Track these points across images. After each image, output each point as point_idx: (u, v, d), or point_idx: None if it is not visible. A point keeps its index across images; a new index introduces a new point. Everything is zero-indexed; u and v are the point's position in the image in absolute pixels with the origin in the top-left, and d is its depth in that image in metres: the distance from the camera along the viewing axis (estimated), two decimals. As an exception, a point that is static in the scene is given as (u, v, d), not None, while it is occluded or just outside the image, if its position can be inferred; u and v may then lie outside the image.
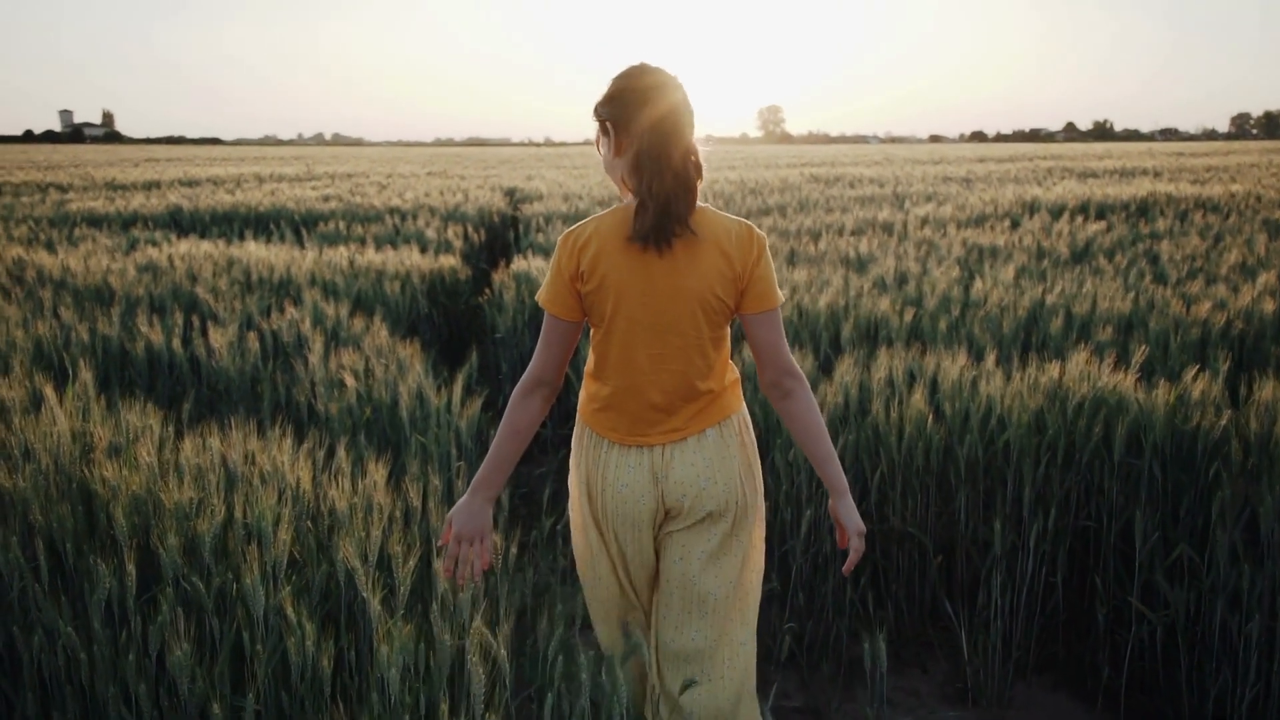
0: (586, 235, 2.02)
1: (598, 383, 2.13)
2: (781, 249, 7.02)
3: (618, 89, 2.03)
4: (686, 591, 2.15)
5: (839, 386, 3.68)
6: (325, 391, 3.87)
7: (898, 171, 17.81)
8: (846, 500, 2.13)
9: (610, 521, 2.15)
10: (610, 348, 2.06)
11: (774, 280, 2.05)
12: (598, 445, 2.14)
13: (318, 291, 5.29)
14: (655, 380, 2.05)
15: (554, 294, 2.06)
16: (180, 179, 15.29)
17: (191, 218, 9.77)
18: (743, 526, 2.16)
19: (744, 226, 2.03)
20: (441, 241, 8.03)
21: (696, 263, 1.99)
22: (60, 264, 5.64)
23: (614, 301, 2.01)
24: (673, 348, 2.03)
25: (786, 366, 2.09)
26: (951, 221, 8.56)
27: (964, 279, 5.84)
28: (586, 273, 2.01)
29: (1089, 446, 3.27)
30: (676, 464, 2.08)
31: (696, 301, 2.00)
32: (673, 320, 2.01)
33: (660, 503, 2.11)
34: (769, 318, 2.05)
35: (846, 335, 4.78)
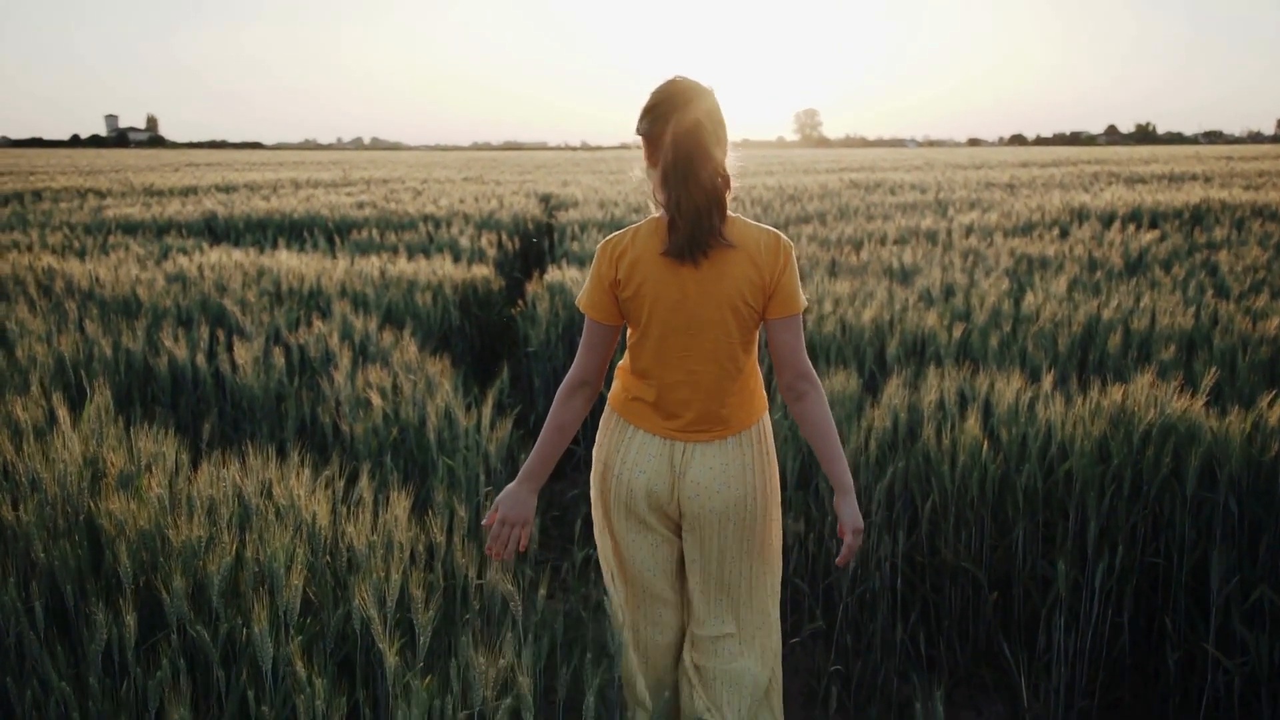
0: (624, 244, 2.15)
1: (632, 378, 2.25)
2: (822, 259, 6.82)
3: (649, 104, 2.12)
4: (708, 582, 2.29)
5: (887, 410, 3.49)
6: (350, 411, 3.73)
7: (939, 177, 17.51)
8: (849, 498, 2.23)
9: (626, 505, 2.25)
10: (645, 349, 2.18)
11: (798, 287, 2.16)
12: (623, 429, 2.25)
13: (347, 303, 5.16)
14: (686, 380, 2.16)
15: (593, 299, 2.19)
16: (218, 185, 15.30)
17: (226, 224, 9.72)
18: (754, 528, 2.26)
19: (772, 235, 2.14)
20: (475, 250, 7.90)
21: (728, 271, 2.09)
22: (89, 274, 5.55)
23: (649, 307, 2.12)
24: (704, 350, 2.14)
25: (803, 370, 2.19)
26: (998, 230, 8.31)
27: (1014, 291, 5.62)
28: (624, 280, 2.13)
29: (1158, 478, 3.06)
30: (695, 463, 2.19)
31: (728, 307, 2.11)
32: (704, 325, 2.12)
33: (674, 494, 2.22)
34: (791, 322, 2.16)
35: (892, 352, 4.58)
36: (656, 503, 2.24)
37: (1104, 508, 3.08)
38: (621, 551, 2.33)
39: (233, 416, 4.00)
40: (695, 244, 2.06)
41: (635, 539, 2.30)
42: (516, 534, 2.25)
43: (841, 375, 3.80)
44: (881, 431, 3.42)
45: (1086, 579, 3.04)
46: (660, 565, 2.32)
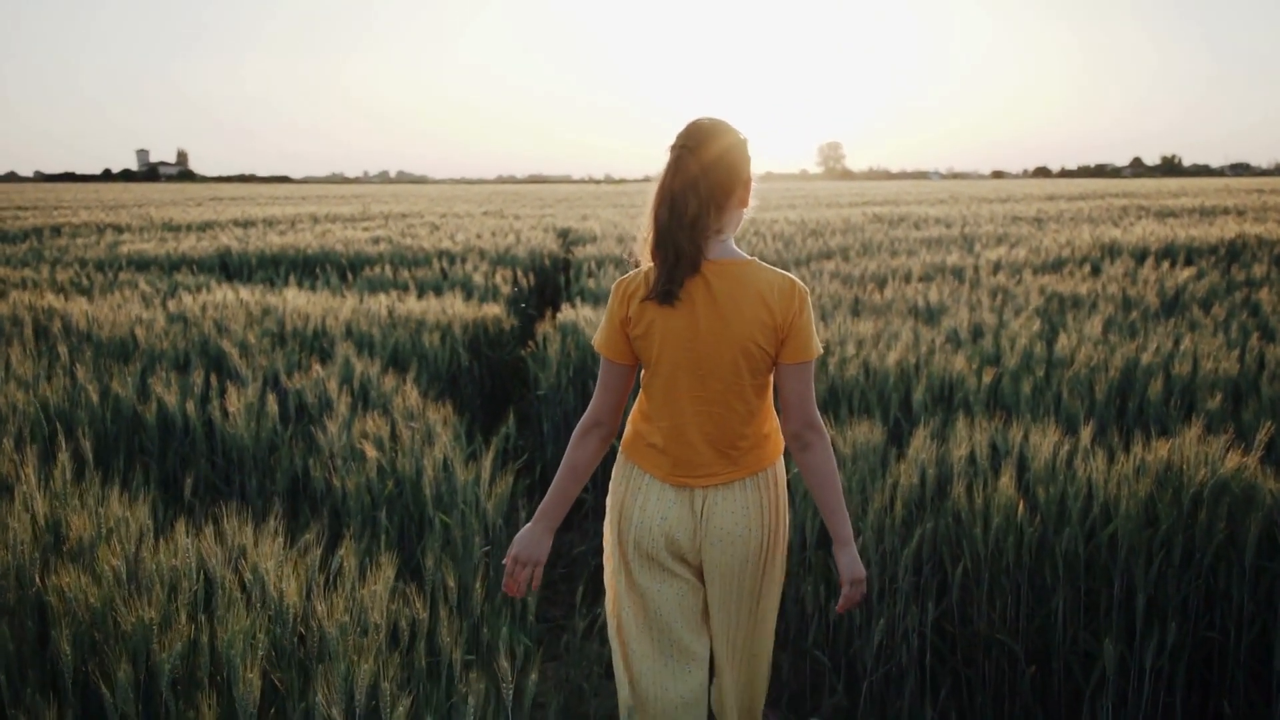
0: (637, 283, 2.16)
1: (644, 421, 2.24)
2: (845, 297, 6.59)
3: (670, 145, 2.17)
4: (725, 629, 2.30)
5: (914, 465, 3.25)
6: (343, 464, 3.53)
7: (964, 210, 17.26)
8: (848, 549, 2.24)
9: (646, 552, 2.23)
10: (656, 389, 2.18)
11: (813, 334, 2.15)
12: (639, 478, 2.23)
13: (350, 345, 4.98)
14: (697, 422, 2.15)
15: (607, 338, 2.21)
16: (236, 220, 15.26)
17: (240, 260, 9.60)
18: (769, 569, 2.28)
19: (787, 280, 2.13)
20: (489, 287, 7.73)
21: (739, 312, 2.09)
22: (86, 314, 5.40)
23: (659, 346, 2.13)
24: (714, 392, 2.13)
25: (810, 420, 2.18)
26: (1026, 266, 8.06)
27: (1045, 332, 5.37)
28: (634, 318, 2.14)
29: (1212, 545, 2.80)
30: (718, 510, 2.18)
31: (738, 349, 2.10)
32: (715, 366, 2.11)
33: (696, 540, 2.20)
34: (802, 369, 2.15)
35: (919, 398, 4.34)
36: (677, 549, 2.22)
37: (1152, 576, 2.82)
38: (644, 603, 2.27)
39: (222, 468, 3.80)
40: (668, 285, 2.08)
41: (659, 587, 2.25)
42: (529, 573, 2.27)
43: (865, 426, 3.56)
44: (908, 489, 3.18)
45: (1134, 656, 2.78)
46: (686, 614, 2.27)
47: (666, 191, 2.11)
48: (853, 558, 2.23)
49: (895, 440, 4.28)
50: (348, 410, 4.05)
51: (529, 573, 2.27)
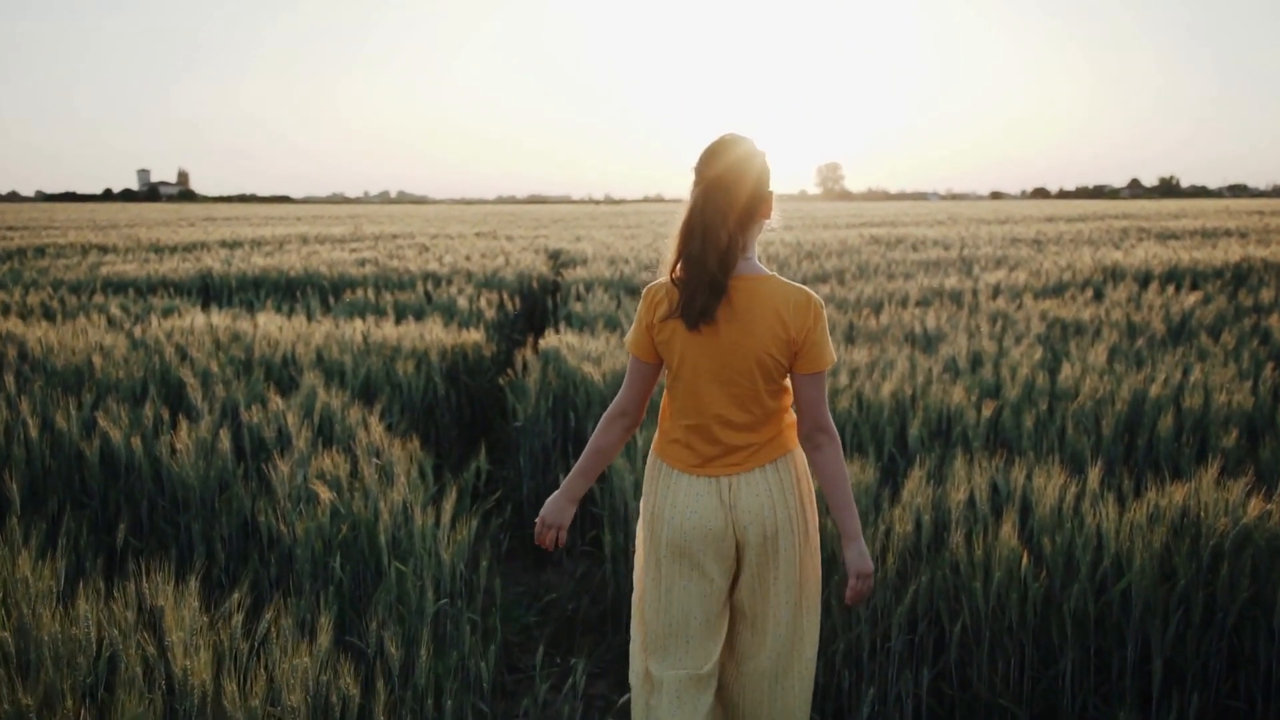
0: (664, 292, 2.27)
1: (669, 419, 2.37)
2: (840, 322, 6.35)
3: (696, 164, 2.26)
4: (758, 618, 2.35)
5: (908, 509, 3.00)
6: (294, 507, 3.27)
7: (963, 232, 17.05)
8: (855, 545, 2.33)
9: (679, 548, 2.31)
10: (679, 391, 2.31)
11: (827, 344, 2.25)
12: (667, 475, 2.34)
13: (318, 374, 4.73)
14: (717, 420, 2.27)
15: (635, 338, 2.35)
16: (224, 240, 15.02)
17: (221, 283, 9.37)
18: (800, 553, 2.32)
19: (804, 294, 2.24)
20: (473, 311, 7.48)
21: (755, 324, 2.20)
22: (42, 341, 5.16)
23: (680, 352, 2.26)
24: (732, 395, 2.25)
25: (822, 424, 2.30)
26: (1026, 291, 7.82)
27: (1047, 361, 5.13)
28: (659, 325, 2.27)
29: (1235, 603, 2.55)
30: (744, 493, 2.27)
31: (753, 359, 2.22)
32: (732, 373, 2.23)
33: (731, 528, 2.29)
34: (816, 378, 2.27)
35: (914, 433, 4.10)
36: (713, 540, 2.29)
37: (1169, 637, 2.58)
38: (668, 597, 2.35)
39: (168, 510, 3.55)
40: (696, 314, 2.18)
41: (686, 585, 2.33)
42: (553, 535, 2.46)
43: (856, 465, 3.31)
44: (903, 538, 2.93)
45: (1151, 726, 2.53)
46: (706, 613, 2.34)
47: (698, 225, 2.18)
48: (860, 551, 2.32)
49: (890, 478, 4.04)
50: (307, 446, 3.80)
51: (554, 534, 2.46)
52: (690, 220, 2.20)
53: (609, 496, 3.88)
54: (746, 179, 2.19)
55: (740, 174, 2.18)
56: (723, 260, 2.16)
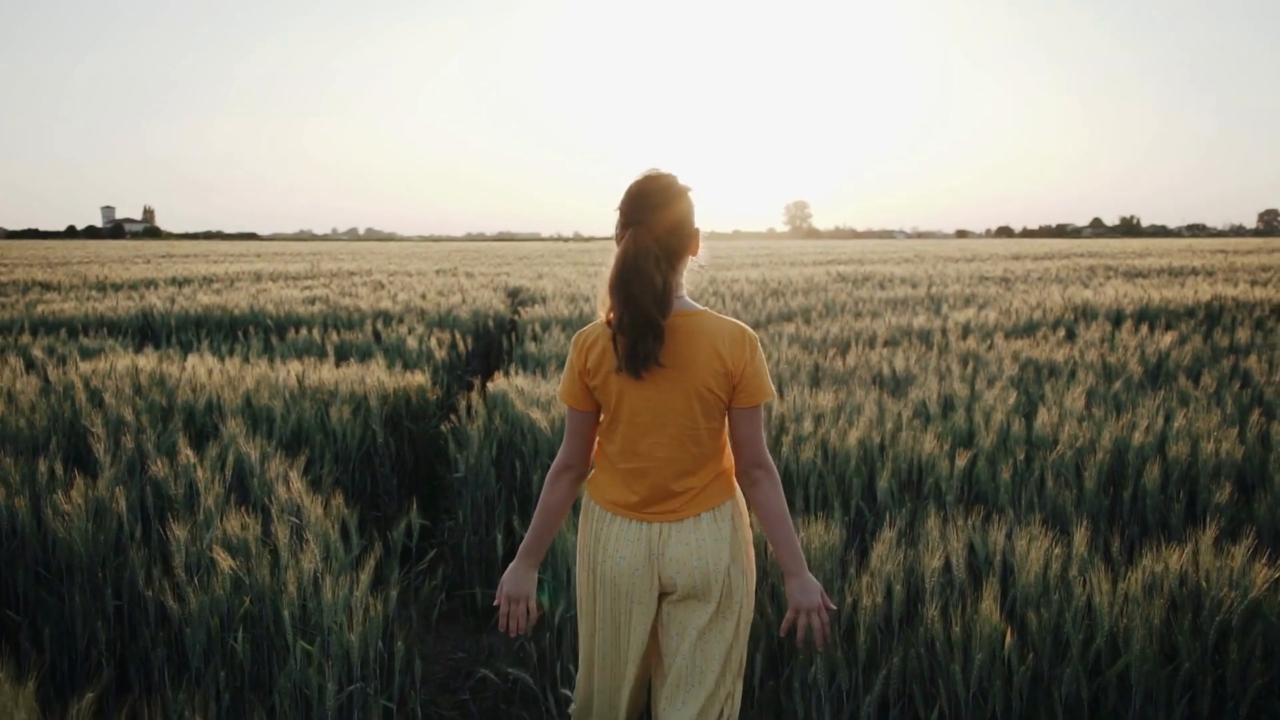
0: (595, 335, 2.23)
1: (606, 463, 2.31)
2: (804, 363, 6.06)
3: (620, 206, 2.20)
4: (682, 666, 2.25)
5: (878, 578, 2.68)
6: (190, 577, 2.91)
7: (930, 270, 16.90)
8: (798, 580, 2.27)
9: (607, 591, 2.28)
10: (615, 434, 2.26)
11: (764, 379, 2.22)
12: (600, 518, 2.30)
13: (242, 422, 4.37)
14: (655, 465, 2.22)
15: (568, 387, 2.29)
16: (175, 277, 14.59)
17: (161, 322, 8.96)
18: (730, 605, 2.26)
19: (738, 328, 2.21)
20: (422, 352, 7.13)
21: (693, 362, 2.16)
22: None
23: (616, 395, 2.21)
24: (670, 436, 2.21)
25: (759, 459, 2.25)
26: (997, 330, 7.58)
27: (1022, 405, 4.85)
28: (592, 369, 2.22)
29: (1248, 691, 2.24)
30: (673, 542, 2.22)
31: (693, 396, 2.18)
32: (670, 413, 2.19)
33: (656, 578, 2.25)
34: (753, 413, 2.23)
35: (884, 485, 3.79)
36: (640, 586, 2.25)
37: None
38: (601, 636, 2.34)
39: (50, 582, 3.16)
40: (640, 360, 2.12)
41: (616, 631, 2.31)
42: (522, 609, 2.36)
43: (820, 525, 2.99)
44: (871, 610, 2.61)
45: (1156, 834, 2.21)
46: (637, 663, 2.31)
47: (631, 269, 2.10)
48: (803, 585, 2.26)
49: (858, 534, 3.73)
50: (216, 504, 3.44)
51: (522, 608, 2.36)
52: (623, 266, 2.11)
53: (551, 556, 3.54)
54: (673, 218, 2.14)
55: (667, 214, 2.14)
56: (659, 302, 2.11)
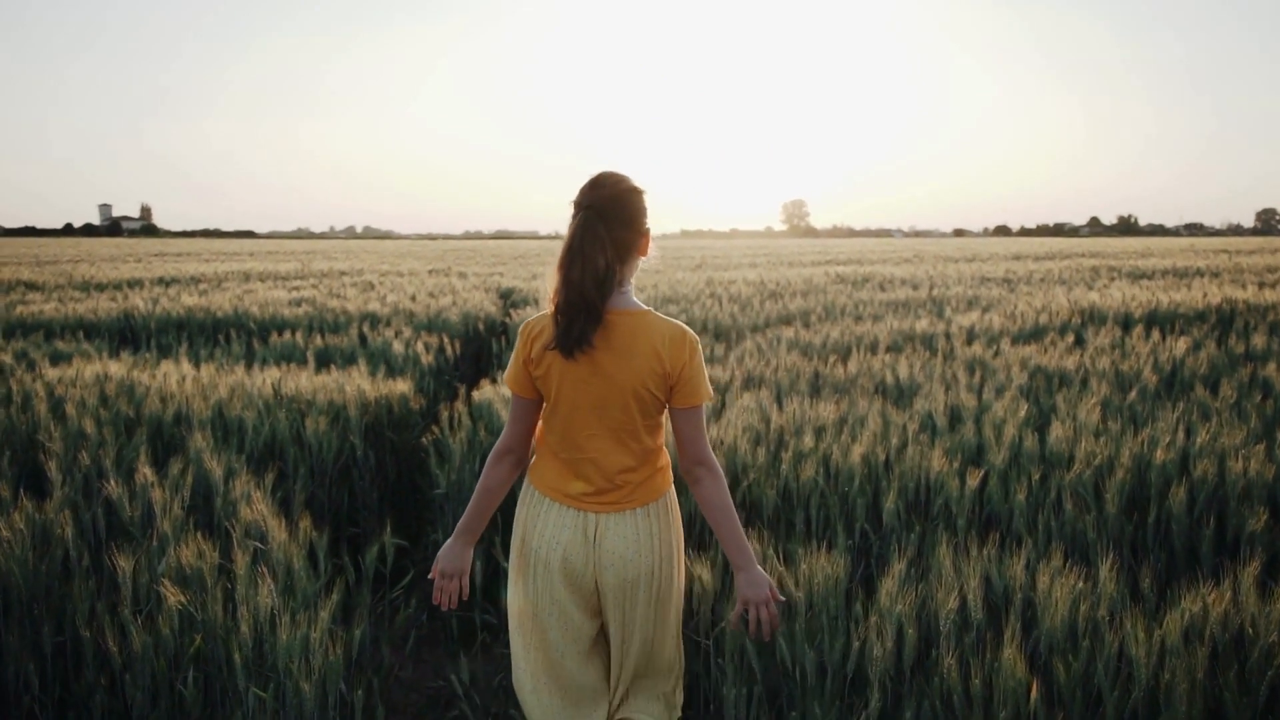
0: (541, 325, 2.29)
1: (546, 450, 2.37)
2: (804, 371, 5.81)
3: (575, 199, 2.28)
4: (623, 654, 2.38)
5: (888, 620, 2.44)
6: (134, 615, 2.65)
7: (931, 271, 16.65)
8: (745, 574, 2.31)
9: (539, 574, 2.32)
10: (556, 423, 2.32)
11: (702, 379, 2.27)
12: (539, 503, 2.35)
13: (208, 435, 4.12)
14: (592, 455, 2.28)
15: (513, 374, 2.35)
16: (161, 277, 14.30)
17: (142, 324, 8.70)
18: (665, 595, 2.37)
19: (678, 329, 2.26)
20: (409, 356, 6.88)
21: (631, 359, 2.22)
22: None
23: (557, 385, 2.27)
24: (607, 429, 2.27)
25: (700, 457, 2.30)
26: (1004, 335, 7.33)
27: (1034, 418, 4.60)
28: (536, 359, 2.28)
29: (1306, 756, 2.00)
30: (610, 534, 2.28)
31: (630, 393, 2.24)
32: (608, 406, 2.25)
33: (593, 566, 2.30)
34: (692, 413, 2.29)
35: (890, 507, 3.54)
36: (573, 574, 2.30)
37: (1222, 798, 2.01)
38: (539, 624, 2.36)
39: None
40: (574, 340, 2.18)
41: (550, 621, 2.34)
42: (455, 585, 2.43)
43: (822, 557, 2.74)
44: (881, 656, 2.36)
45: None
46: (573, 648, 2.36)
47: (576, 251, 2.18)
48: (751, 579, 2.30)
49: (862, 561, 3.49)
50: (174, 528, 3.20)
51: (455, 584, 2.43)
52: (569, 247, 2.19)
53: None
54: (624, 209, 2.22)
55: (617, 204, 2.21)
56: (600, 286, 2.16)
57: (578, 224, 2.19)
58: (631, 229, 2.22)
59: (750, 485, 3.75)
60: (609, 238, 2.18)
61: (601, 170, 2.27)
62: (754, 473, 3.79)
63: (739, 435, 4.04)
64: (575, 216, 2.22)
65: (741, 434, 4.07)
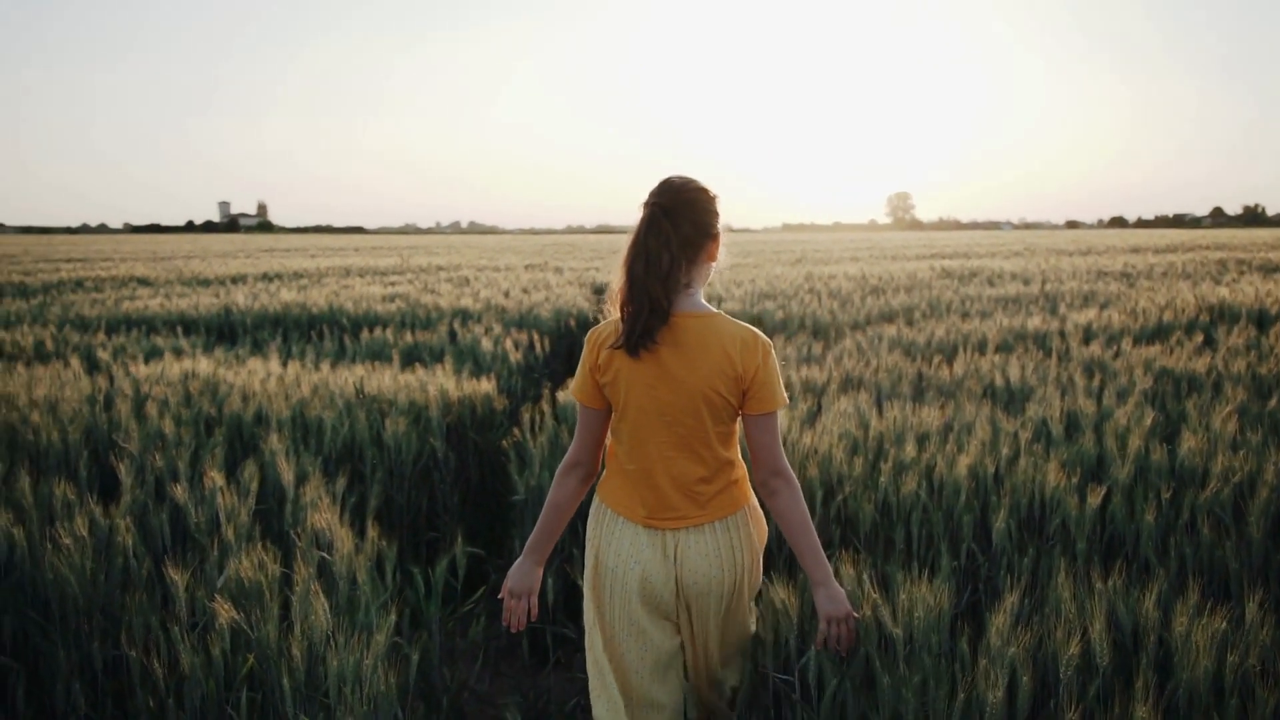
0: (607, 332, 2.26)
1: (615, 465, 2.34)
2: (907, 372, 5.48)
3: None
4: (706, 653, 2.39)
5: (999, 665, 2.15)
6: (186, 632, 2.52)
7: (1042, 264, 15.95)
8: (824, 589, 2.27)
9: (621, 600, 2.27)
10: (624, 434, 2.28)
11: (776, 385, 2.23)
12: (613, 522, 2.30)
13: (284, 437, 4.02)
14: (664, 466, 2.24)
15: (580, 384, 2.32)
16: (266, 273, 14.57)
17: (242, 319, 8.79)
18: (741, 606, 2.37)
19: (750, 332, 2.23)
20: (497, 354, 6.75)
21: (701, 362, 2.19)
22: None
23: (625, 393, 2.23)
24: (678, 437, 2.22)
25: (776, 467, 2.25)
26: (1124, 334, 6.85)
27: (1161, 426, 4.21)
28: (603, 366, 2.25)
29: None
30: (691, 552, 2.25)
31: (700, 397, 2.19)
32: (678, 413, 2.21)
33: (677, 583, 2.26)
34: (767, 420, 2.23)
35: (1000, 526, 3.22)
36: (652, 594, 2.26)
37: None
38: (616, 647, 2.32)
39: (40, 626, 2.82)
40: (638, 337, 2.14)
41: (628, 642, 2.30)
42: (524, 606, 2.38)
43: (924, 586, 2.46)
44: (993, 710, 2.08)
45: None
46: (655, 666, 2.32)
47: (641, 246, 2.17)
48: (830, 595, 2.27)
49: (968, 584, 3.19)
50: (239, 536, 3.08)
51: (523, 605, 2.38)
52: (634, 243, 2.18)
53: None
54: (691, 208, 2.19)
55: (684, 203, 2.19)
56: (664, 281, 2.14)
57: (643, 220, 2.19)
58: (698, 229, 2.20)
59: (846, 499, 3.47)
60: (675, 235, 2.16)
61: (671, 175, 2.27)
62: (850, 485, 3.51)
63: (834, 443, 3.76)
64: (642, 214, 2.22)
65: (837, 441, 3.79)
